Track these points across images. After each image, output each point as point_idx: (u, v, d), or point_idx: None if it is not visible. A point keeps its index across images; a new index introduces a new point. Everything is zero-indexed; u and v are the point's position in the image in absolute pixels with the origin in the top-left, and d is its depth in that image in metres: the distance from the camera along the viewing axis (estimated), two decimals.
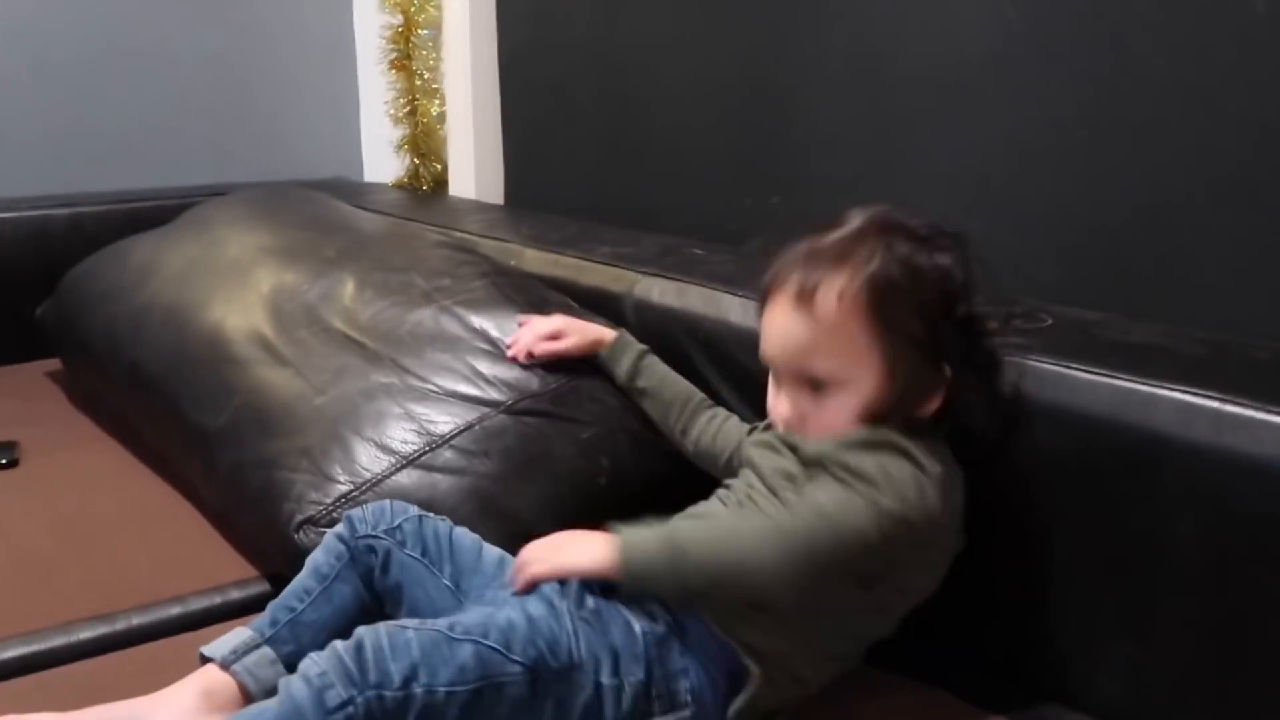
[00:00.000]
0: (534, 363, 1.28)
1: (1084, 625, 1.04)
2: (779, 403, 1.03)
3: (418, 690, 0.83)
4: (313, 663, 0.84)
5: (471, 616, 0.90)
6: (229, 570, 1.27)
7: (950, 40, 1.43)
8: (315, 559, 1.06)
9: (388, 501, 1.08)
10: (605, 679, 0.89)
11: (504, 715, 0.86)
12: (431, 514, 1.08)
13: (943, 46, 1.44)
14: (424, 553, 1.04)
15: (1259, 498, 0.93)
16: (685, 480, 1.33)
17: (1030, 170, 1.37)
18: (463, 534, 1.08)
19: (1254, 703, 0.94)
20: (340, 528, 1.06)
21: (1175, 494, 0.97)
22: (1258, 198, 1.18)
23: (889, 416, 0.98)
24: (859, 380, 0.98)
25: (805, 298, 0.98)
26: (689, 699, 0.91)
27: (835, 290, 0.97)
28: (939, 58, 1.44)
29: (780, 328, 1.01)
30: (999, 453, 1.04)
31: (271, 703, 0.84)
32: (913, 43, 1.47)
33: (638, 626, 0.93)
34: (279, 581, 1.24)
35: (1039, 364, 1.08)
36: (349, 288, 1.44)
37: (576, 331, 1.31)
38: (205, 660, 1.00)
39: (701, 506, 1.09)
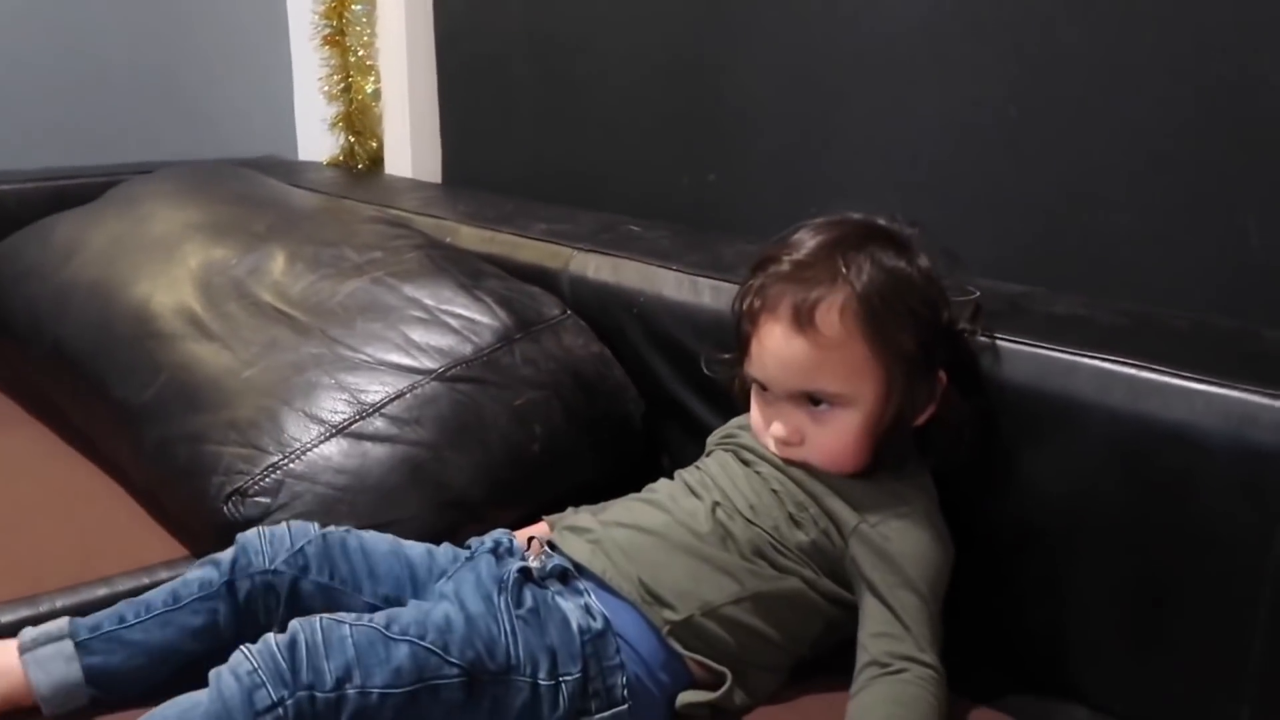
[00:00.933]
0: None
1: (1006, 589, 1.06)
2: (775, 424, 1.01)
3: (351, 692, 0.81)
4: (244, 658, 0.82)
5: (408, 614, 0.88)
6: (157, 550, 1.25)
7: (882, 14, 1.44)
8: (184, 578, 1.00)
9: (284, 526, 1.02)
10: (542, 680, 0.88)
11: (438, 717, 0.85)
12: (333, 526, 1.03)
13: (875, 20, 1.45)
14: (333, 575, 0.99)
15: (1173, 459, 0.96)
16: (618, 448, 1.34)
17: (962, 146, 1.39)
18: (374, 540, 1.03)
19: (1174, 661, 0.97)
20: (228, 554, 1.00)
21: (1095, 457, 1.00)
22: (1180, 176, 1.21)
23: (890, 431, 0.99)
24: (862, 397, 0.97)
25: (804, 317, 0.96)
26: (625, 694, 0.91)
27: (835, 307, 0.96)
28: (871, 32, 1.46)
29: (779, 350, 0.98)
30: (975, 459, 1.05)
31: (200, 696, 0.82)
32: (845, 17, 1.48)
33: (575, 623, 0.92)
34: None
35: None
36: (279, 262, 1.42)
37: None
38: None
39: (661, 491, 1.07)
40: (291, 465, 1.15)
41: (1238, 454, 0.92)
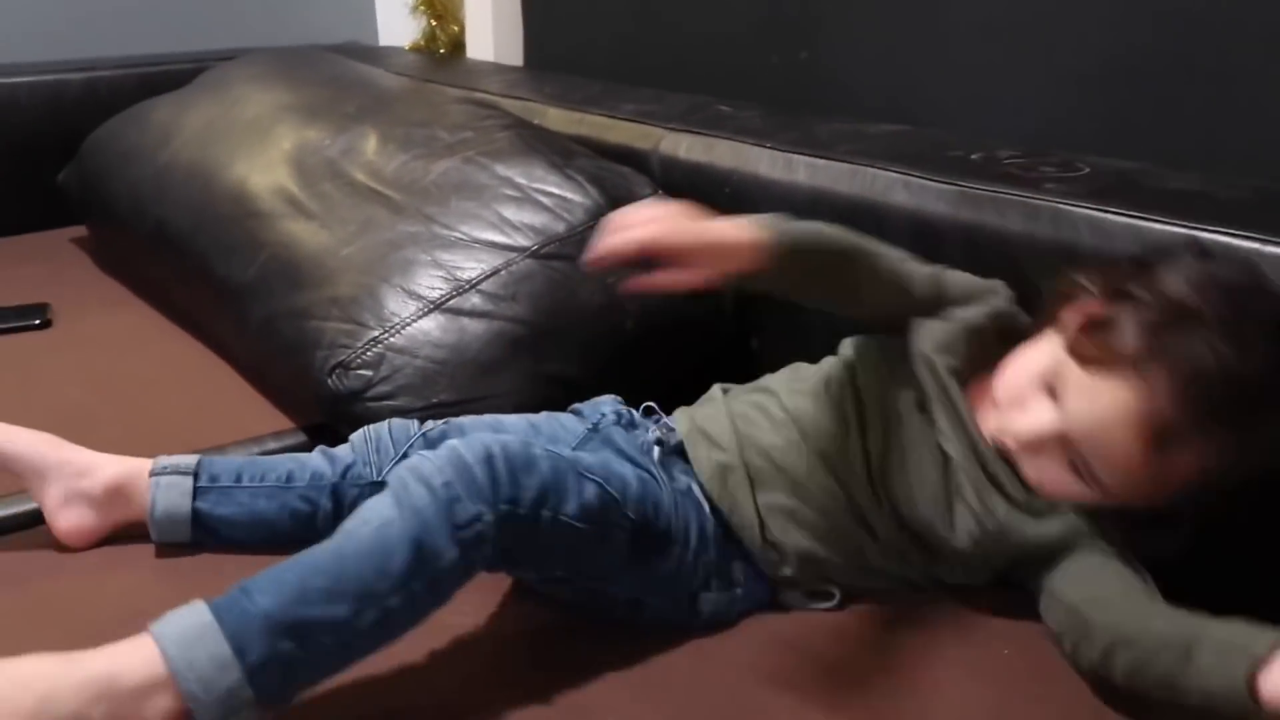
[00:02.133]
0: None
1: None
2: (1036, 420, 0.88)
3: (546, 515, 0.78)
4: (435, 468, 0.76)
5: (590, 458, 0.86)
6: (265, 422, 1.29)
7: None
8: (301, 461, 1.01)
9: (387, 427, 1.03)
10: (690, 553, 0.90)
11: (601, 564, 0.86)
12: (431, 422, 1.04)
13: None
14: None
15: None
16: (710, 329, 1.34)
17: (1069, 15, 1.32)
18: (474, 424, 1.04)
19: None
20: (343, 453, 1.02)
21: None
22: None
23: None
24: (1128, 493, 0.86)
25: (1162, 441, 0.81)
26: (742, 578, 0.94)
27: (1197, 458, 0.82)
28: None
29: (1109, 436, 0.83)
30: None
31: (387, 511, 0.75)
32: None
33: (708, 507, 0.94)
34: (314, 433, 1.27)
35: (1074, 208, 1.07)
36: (371, 142, 1.43)
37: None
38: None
39: (807, 419, 0.98)
40: (392, 339, 1.17)
41: None
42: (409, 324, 1.18)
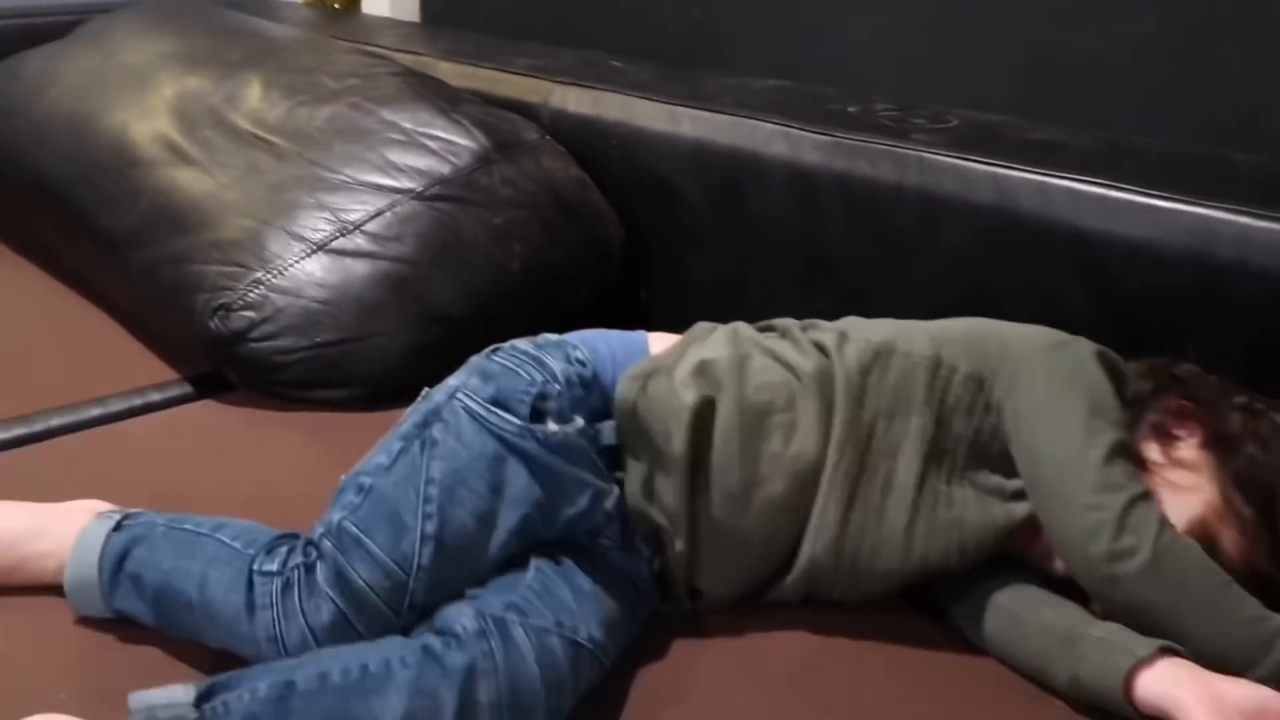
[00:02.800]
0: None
1: None
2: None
3: None
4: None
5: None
6: (148, 373, 1.27)
7: None
8: None
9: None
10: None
11: None
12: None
13: None
14: None
15: (1143, 275, 0.99)
16: (598, 273, 1.36)
17: None
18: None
19: None
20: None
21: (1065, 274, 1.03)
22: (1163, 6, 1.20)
23: None
24: None
25: None
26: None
27: None
28: None
29: None
30: None
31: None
32: None
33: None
34: (200, 384, 1.26)
35: (939, 158, 1.12)
36: (255, 89, 1.41)
37: None
38: None
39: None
40: (275, 280, 1.17)
41: (1200, 268, 0.95)
42: (292, 265, 1.17)
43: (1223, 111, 1.18)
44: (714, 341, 0.92)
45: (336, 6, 2.17)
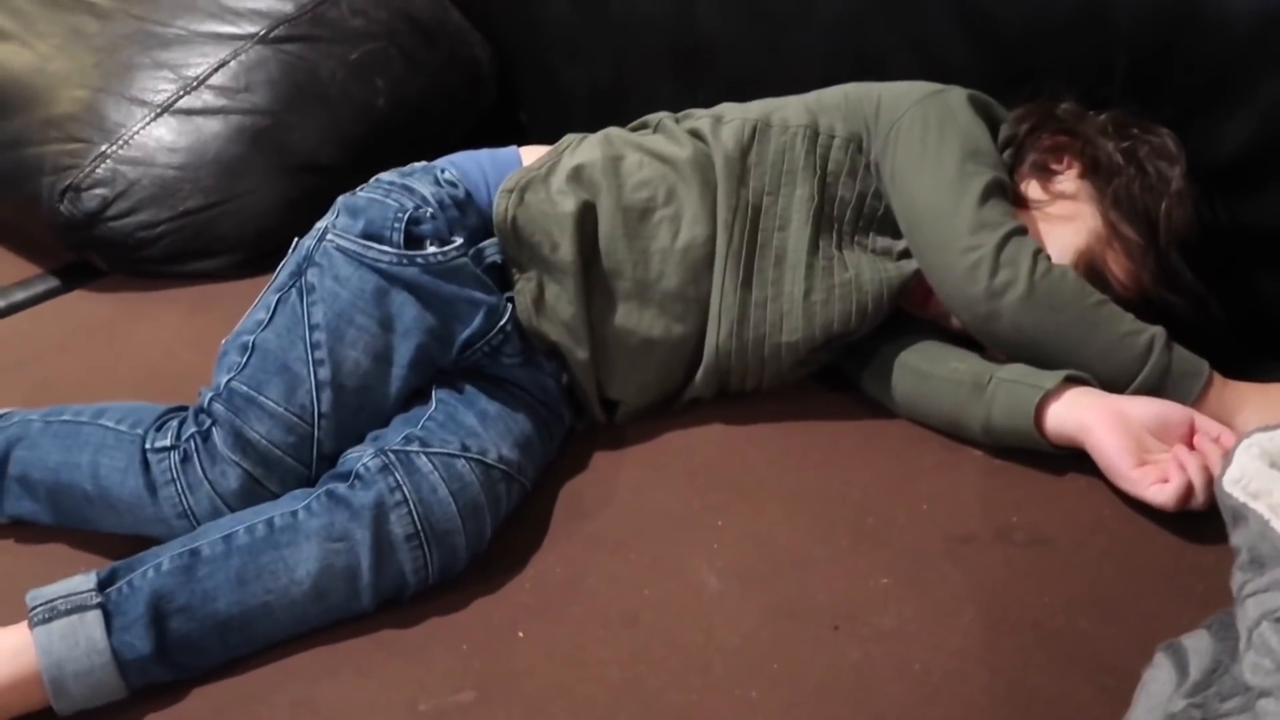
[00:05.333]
0: None
1: None
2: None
3: None
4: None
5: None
6: (6, 272, 1.19)
7: None
8: None
9: None
10: None
11: None
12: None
13: None
14: None
15: (1022, 12, 0.95)
16: (469, 97, 1.29)
17: None
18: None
19: None
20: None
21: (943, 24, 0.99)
22: None
23: None
24: None
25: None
26: None
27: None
28: None
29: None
30: None
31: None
32: None
33: None
34: (66, 275, 1.18)
35: None
36: None
37: None
38: None
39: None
40: (122, 152, 1.08)
41: None
42: (138, 132, 1.09)
43: None
44: (586, 146, 0.89)
45: None
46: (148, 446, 0.77)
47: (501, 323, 0.81)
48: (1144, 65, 0.91)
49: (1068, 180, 0.87)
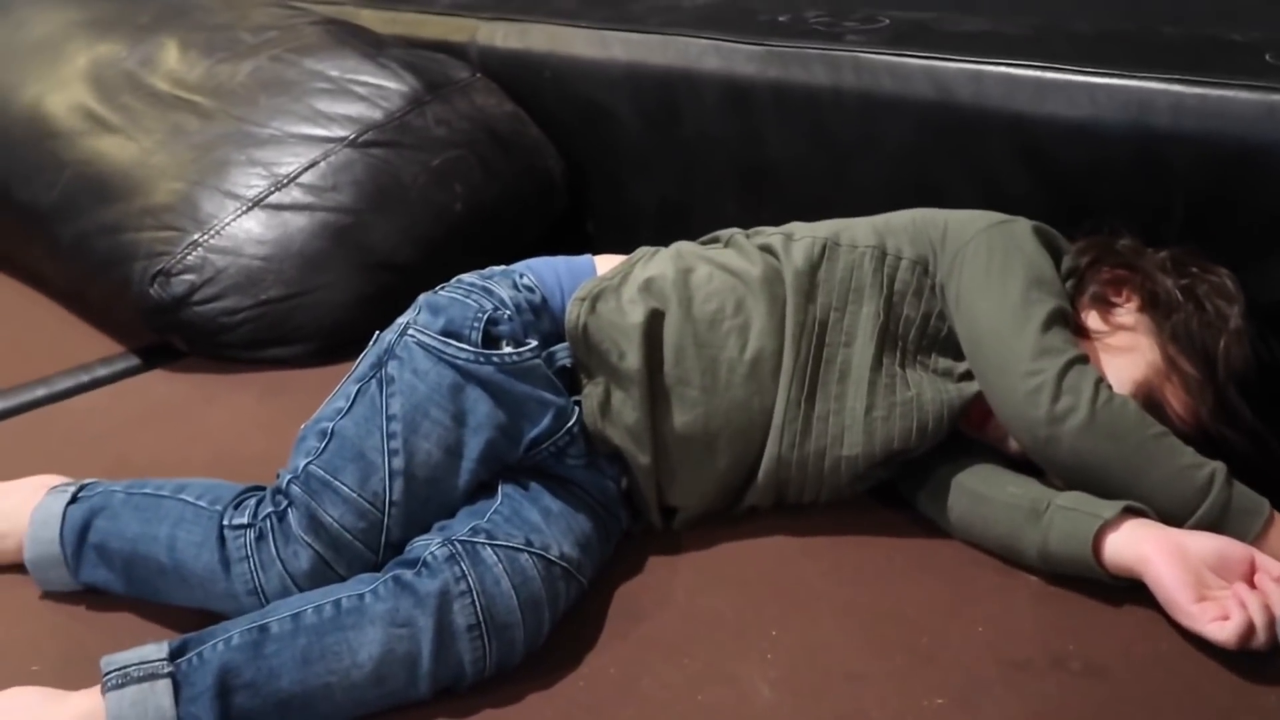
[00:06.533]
0: None
1: None
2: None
3: None
4: None
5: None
6: (91, 349, 1.25)
7: None
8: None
9: None
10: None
11: None
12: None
13: None
14: None
15: (1081, 153, 0.99)
16: (541, 206, 1.35)
17: None
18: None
19: None
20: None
21: (1004, 159, 1.03)
22: None
23: None
24: None
25: None
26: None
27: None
28: None
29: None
30: None
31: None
32: None
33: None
34: (146, 355, 1.23)
35: (873, 56, 1.11)
36: (171, 50, 1.37)
37: None
38: None
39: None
40: (212, 241, 1.14)
41: (1137, 140, 0.96)
42: (229, 224, 1.15)
43: None
44: (658, 260, 0.92)
45: None
46: (225, 523, 0.80)
47: (569, 424, 0.83)
48: (1201, 208, 0.94)
49: (1127, 313, 0.89)
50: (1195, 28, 1.10)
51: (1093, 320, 0.89)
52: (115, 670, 0.69)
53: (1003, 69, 1.04)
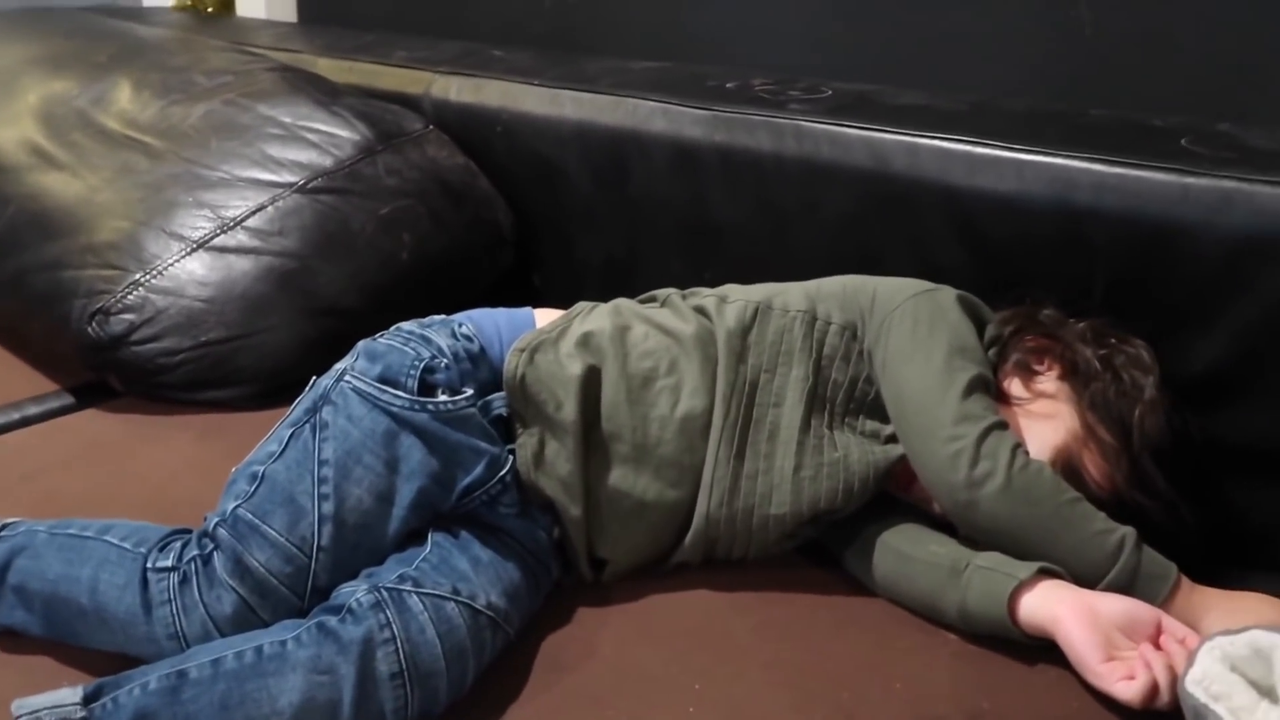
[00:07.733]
0: None
1: None
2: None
3: None
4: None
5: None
6: (22, 387, 1.23)
7: None
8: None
9: None
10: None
11: None
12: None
13: None
14: None
15: (1008, 226, 1.03)
16: (490, 258, 1.36)
17: None
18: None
19: None
20: None
21: (938, 230, 1.07)
22: None
23: None
24: None
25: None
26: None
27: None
28: None
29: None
30: None
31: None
32: None
33: None
34: (81, 393, 1.22)
35: (815, 125, 1.15)
36: (124, 90, 1.38)
37: None
38: None
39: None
40: (154, 281, 1.14)
41: (1061, 216, 1.00)
42: (172, 264, 1.15)
43: (1078, 71, 1.24)
44: (596, 315, 0.94)
45: (209, 10, 2.12)
46: (149, 565, 0.79)
47: (502, 473, 0.84)
48: (1121, 284, 0.98)
49: (1048, 380, 0.92)
50: (1121, 111, 1.15)
51: (1015, 387, 0.92)
52: (27, 714, 0.68)
53: (937, 142, 1.08)
